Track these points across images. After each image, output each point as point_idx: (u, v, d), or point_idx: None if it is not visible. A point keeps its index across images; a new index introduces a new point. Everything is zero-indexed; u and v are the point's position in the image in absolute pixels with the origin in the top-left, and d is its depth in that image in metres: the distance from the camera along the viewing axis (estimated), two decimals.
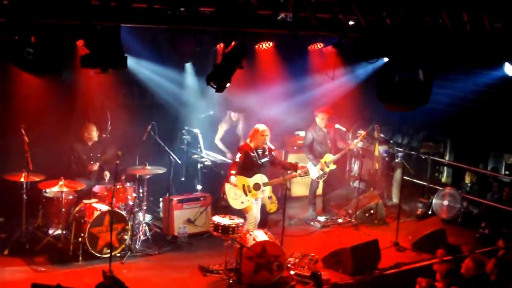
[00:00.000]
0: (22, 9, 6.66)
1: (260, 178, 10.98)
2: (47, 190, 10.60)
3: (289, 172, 11.37)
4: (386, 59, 9.48)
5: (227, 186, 10.86)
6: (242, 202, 10.89)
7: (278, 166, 11.36)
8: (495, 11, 8.75)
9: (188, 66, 13.07)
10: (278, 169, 11.46)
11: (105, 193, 10.82)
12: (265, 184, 11.00)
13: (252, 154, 10.95)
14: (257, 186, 10.95)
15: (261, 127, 11.05)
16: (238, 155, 10.91)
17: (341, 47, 8.95)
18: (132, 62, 10.78)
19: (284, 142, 14.29)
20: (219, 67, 8.62)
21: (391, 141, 14.96)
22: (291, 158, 13.85)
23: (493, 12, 8.72)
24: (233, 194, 10.83)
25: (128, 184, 11.07)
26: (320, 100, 14.24)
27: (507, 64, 12.18)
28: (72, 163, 11.34)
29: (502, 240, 10.17)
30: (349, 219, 13.07)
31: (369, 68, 13.21)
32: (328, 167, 12.80)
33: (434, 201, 13.67)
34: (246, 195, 10.89)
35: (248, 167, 10.93)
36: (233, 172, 10.79)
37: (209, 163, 13.11)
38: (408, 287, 9.29)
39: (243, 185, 10.88)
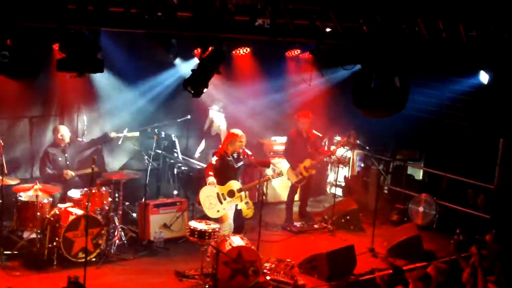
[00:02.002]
0: None
1: (234, 184, 10.98)
2: (22, 194, 10.50)
3: (265, 174, 11.33)
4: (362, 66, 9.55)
5: (202, 196, 10.83)
6: (218, 211, 10.87)
7: (254, 165, 11.36)
8: (471, 20, 8.84)
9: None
10: (256, 169, 11.47)
11: (81, 197, 10.76)
12: (239, 190, 11.00)
13: (228, 158, 10.95)
14: (231, 193, 10.94)
15: (239, 132, 11.07)
16: (214, 158, 10.87)
17: (318, 53, 8.98)
18: (108, 66, 10.71)
19: (260, 148, 14.30)
20: (197, 72, 8.62)
21: (368, 148, 15.04)
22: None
23: (468, 21, 8.82)
24: (208, 203, 10.80)
25: (103, 188, 11.00)
26: (297, 105, 14.32)
27: (482, 72, 12.32)
28: (47, 168, 11.22)
29: (475, 246, 10.24)
30: (325, 224, 13.09)
31: (345, 74, 13.29)
32: (307, 172, 12.85)
33: (409, 207, 13.76)
34: (221, 203, 10.87)
35: (223, 172, 10.92)
36: (210, 173, 10.77)
37: (186, 168, 13.10)
38: None
39: (217, 193, 10.86)
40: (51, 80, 11.73)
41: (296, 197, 13.45)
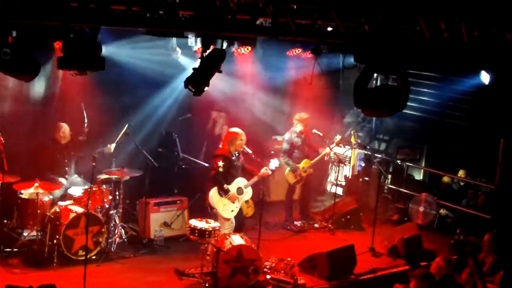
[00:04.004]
0: None
1: (240, 181, 11.00)
2: (22, 191, 10.51)
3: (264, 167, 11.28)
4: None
5: (214, 199, 10.84)
6: (232, 210, 10.93)
7: (245, 167, 11.36)
8: (472, 20, 8.83)
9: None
10: (256, 164, 11.50)
11: (81, 195, 10.75)
12: (246, 186, 11.01)
13: (232, 158, 10.95)
14: (240, 191, 10.96)
15: (238, 130, 11.06)
16: (221, 163, 10.76)
17: (319, 52, 8.97)
18: (109, 60, 10.67)
19: (261, 147, 14.29)
20: (198, 70, 8.61)
21: (368, 147, 15.06)
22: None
23: (470, 21, 8.80)
24: (222, 205, 10.83)
25: (104, 186, 11.01)
26: (298, 105, 14.33)
27: (483, 72, 12.29)
28: (47, 165, 11.20)
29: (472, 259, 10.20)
30: (325, 224, 13.11)
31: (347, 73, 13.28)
32: (305, 172, 12.88)
33: (410, 207, 13.77)
34: (234, 202, 10.88)
35: (229, 173, 10.92)
36: (226, 186, 10.81)
37: (186, 166, 13.09)
38: None
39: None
40: (52, 76, 11.75)
41: (296, 197, 13.46)
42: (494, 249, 9.86)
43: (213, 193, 10.85)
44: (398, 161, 15.21)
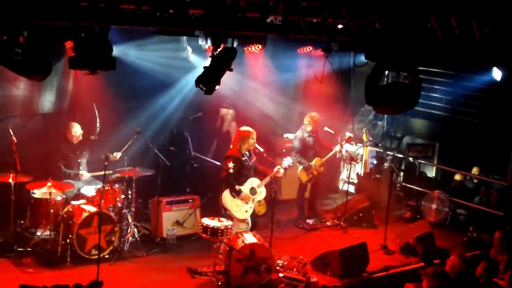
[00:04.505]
0: (10, 9, 6.64)
1: (253, 181, 10.97)
2: (35, 191, 10.54)
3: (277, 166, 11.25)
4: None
5: (227, 200, 10.80)
6: (246, 211, 10.89)
7: (256, 167, 11.34)
8: (484, 17, 8.79)
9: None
10: (267, 163, 11.48)
11: (94, 194, 10.79)
12: (259, 186, 10.99)
13: (243, 158, 10.91)
14: (253, 191, 10.93)
15: (250, 129, 11.01)
16: (231, 164, 10.68)
17: (330, 50, 8.96)
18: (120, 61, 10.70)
19: (272, 145, 14.28)
20: (208, 69, 8.62)
21: (380, 145, 15.03)
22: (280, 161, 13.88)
23: (481, 17, 8.76)
24: (235, 206, 10.79)
25: (116, 185, 11.03)
26: (309, 103, 14.31)
27: (495, 69, 12.25)
28: (59, 164, 11.23)
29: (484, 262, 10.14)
30: (337, 222, 13.09)
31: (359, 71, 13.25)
32: (317, 170, 12.88)
33: (422, 204, 13.73)
34: (247, 203, 10.88)
35: (241, 173, 10.88)
36: (237, 187, 10.79)
37: (198, 165, 13.11)
38: None
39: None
40: (64, 76, 11.79)
41: (307, 195, 13.47)
42: (505, 247, 9.81)
43: (226, 194, 10.83)
44: (410, 159, 15.18)
